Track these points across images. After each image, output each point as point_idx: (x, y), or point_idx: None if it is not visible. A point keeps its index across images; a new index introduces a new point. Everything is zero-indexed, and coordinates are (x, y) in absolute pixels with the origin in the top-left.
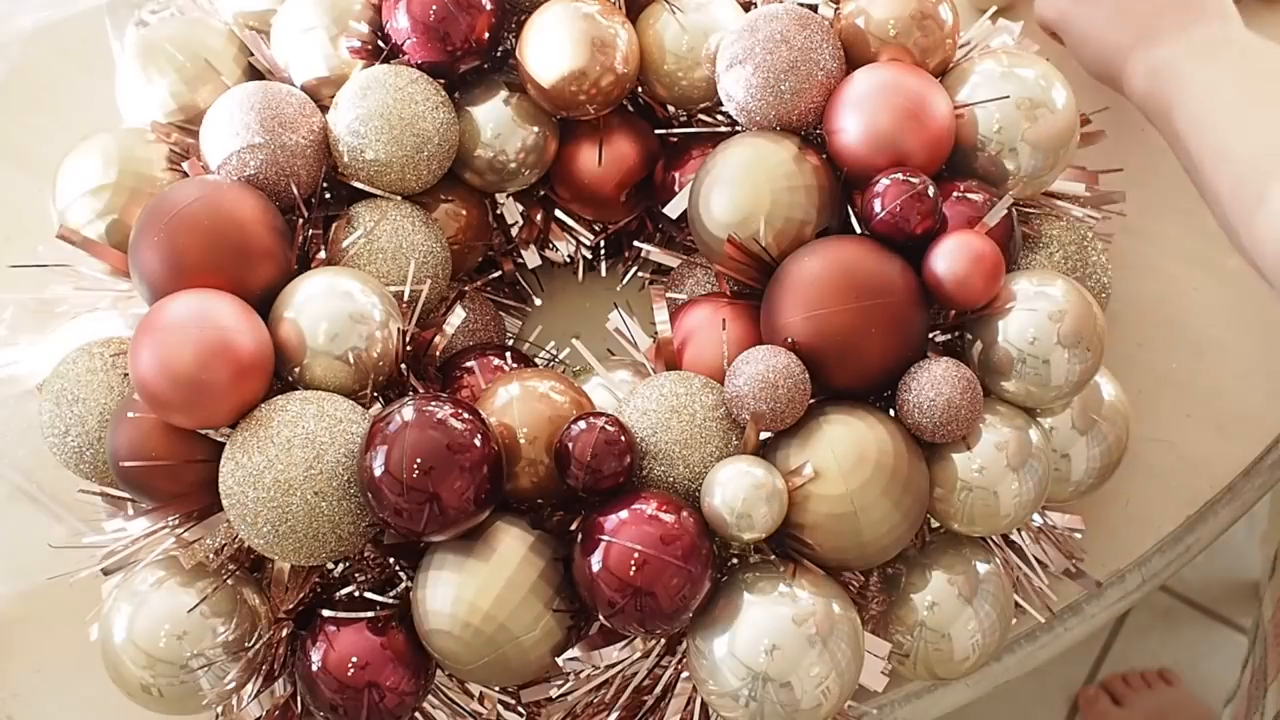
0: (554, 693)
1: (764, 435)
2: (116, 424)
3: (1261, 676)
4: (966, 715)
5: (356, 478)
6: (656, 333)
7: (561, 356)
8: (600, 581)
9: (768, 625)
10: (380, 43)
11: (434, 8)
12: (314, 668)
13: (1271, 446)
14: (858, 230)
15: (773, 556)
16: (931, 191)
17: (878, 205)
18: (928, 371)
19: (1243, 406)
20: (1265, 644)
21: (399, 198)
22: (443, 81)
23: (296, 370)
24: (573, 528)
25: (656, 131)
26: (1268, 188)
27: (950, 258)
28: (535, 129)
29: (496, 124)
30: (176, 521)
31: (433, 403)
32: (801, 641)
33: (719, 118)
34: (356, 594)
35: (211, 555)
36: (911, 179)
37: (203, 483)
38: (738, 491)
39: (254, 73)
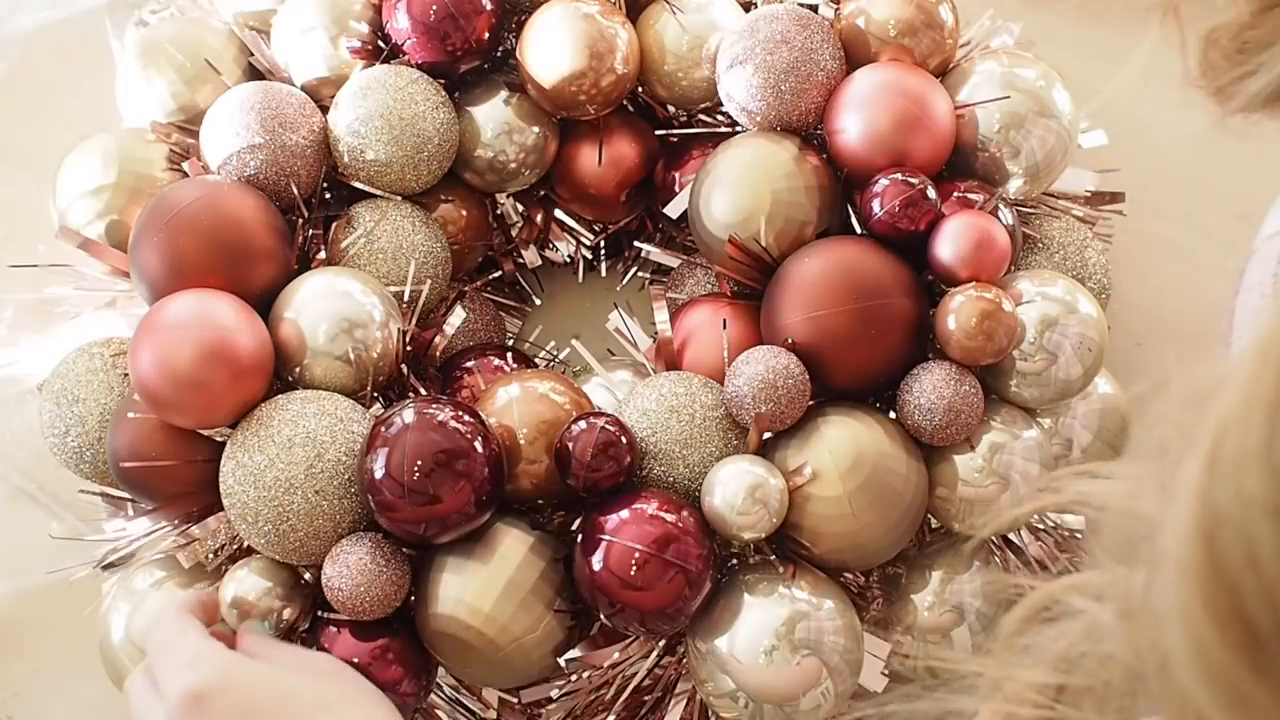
0: (554, 693)
1: (764, 435)
2: (116, 424)
3: None
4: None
5: (357, 478)
6: (656, 333)
7: (561, 356)
8: (601, 581)
9: (767, 626)
10: (380, 43)
11: (434, 8)
12: None
13: None
14: (858, 231)
15: (772, 557)
16: (930, 192)
17: (876, 205)
18: (929, 374)
19: None
20: None
21: (399, 198)
22: (443, 81)
23: (297, 370)
24: (573, 528)
25: (656, 131)
26: None
27: (955, 238)
28: (535, 129)
29: (496, 124)
30: (177, 522)
31: (433, 405)
32: (800, 643)
33: (719, 118)
34: None
35: (211, 555)
36: (910, 179)
37: (203, 483)
38: (738, 491)
39: (254, 73)
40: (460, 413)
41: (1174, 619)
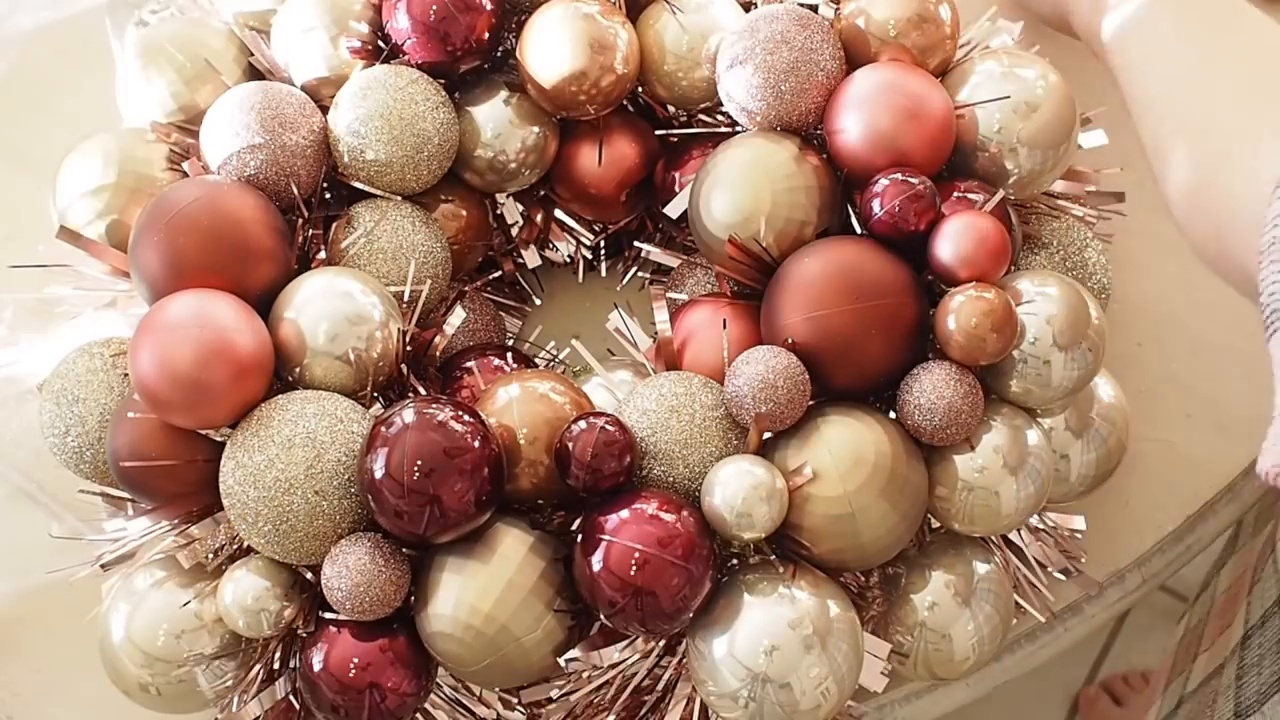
0: (554, 693)
1: (764, 435)
2: (116, 424)
3: (1196, 640)
4: (966, 715)
5: (357, 478)
6: (656, 333)
7: (561, 356)
8: (601, 581)
9: (767, 626)
10: (380, 43)
11: (434, 8)
12: (315, 668)
13: None
14: (858, 231)
15: (773, 557)
16: (930, 192)
17: (876, 205)
18: (929, 374)
19: (1243, 406)
20: (1207, 611)
21: (399, 198)
22: (443, 81)
23: (297, 370)
24: (573, 528)
25: (656, 131)
26: (1232, 145)
27: (955, 238)
28: (535, 129)
29: (496, 124)
30: (177, 522)
31: (433, 405)
32: (800, 643)
33: (719, 118)
34: None
35: (211, 555)
36: (910, 179)
37: (203, 482)
38: (738, 491)
39: (254, 73)
40: (460, 413)
41: None
